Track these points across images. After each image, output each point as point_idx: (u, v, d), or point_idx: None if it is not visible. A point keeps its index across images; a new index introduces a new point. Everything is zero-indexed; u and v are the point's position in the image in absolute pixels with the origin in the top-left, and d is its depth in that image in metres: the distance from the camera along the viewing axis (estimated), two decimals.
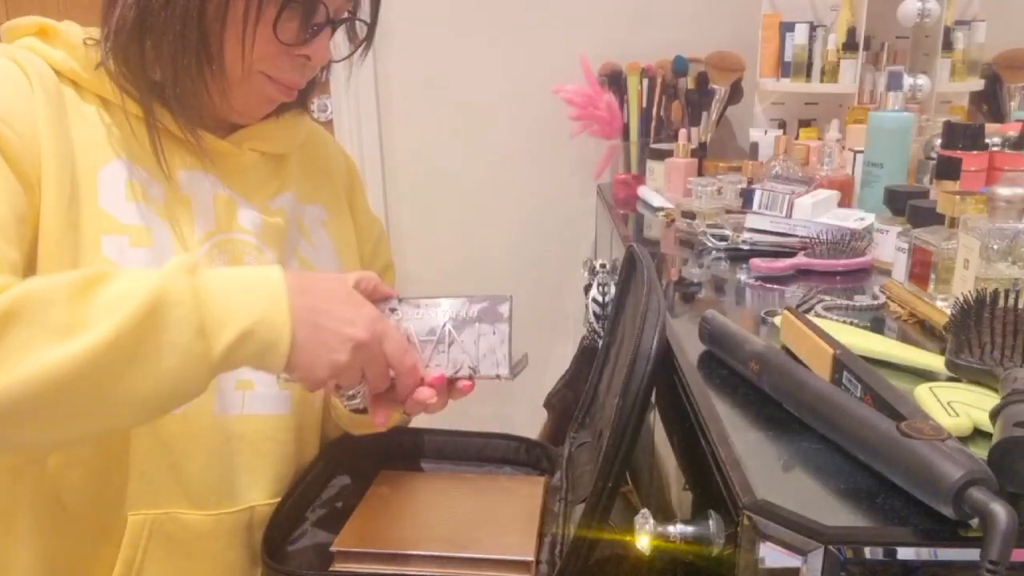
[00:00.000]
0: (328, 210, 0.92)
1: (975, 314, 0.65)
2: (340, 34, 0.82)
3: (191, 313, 0.59)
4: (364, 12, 0.81)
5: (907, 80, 1.49)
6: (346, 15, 0.80)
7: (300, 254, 0.86)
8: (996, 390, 0.61)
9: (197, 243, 0.77)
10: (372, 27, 0.82)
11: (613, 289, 0.89)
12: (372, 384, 0.70)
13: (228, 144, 0.80)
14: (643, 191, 1.66)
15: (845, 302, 0.89)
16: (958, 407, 0.59)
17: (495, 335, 0.73)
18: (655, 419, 0.87)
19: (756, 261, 1.06)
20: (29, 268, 0.68)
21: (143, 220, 0.74)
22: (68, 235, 0.70)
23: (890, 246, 0.99)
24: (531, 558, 0.71)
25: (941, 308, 0.80)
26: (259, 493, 0.80)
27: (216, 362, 0.60)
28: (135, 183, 0.75)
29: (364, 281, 0.74)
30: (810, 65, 1.69)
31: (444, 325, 0.74)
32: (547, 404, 1.25)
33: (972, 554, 0.44)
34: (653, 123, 1.83)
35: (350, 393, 0.73)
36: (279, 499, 0.81)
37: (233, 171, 0.82)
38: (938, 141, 1.21)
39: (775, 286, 1.00)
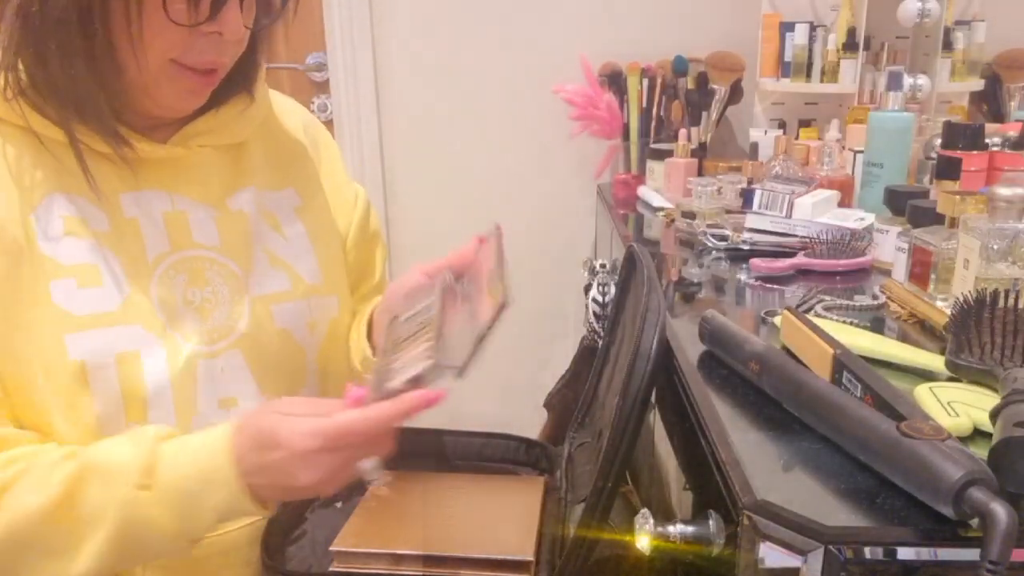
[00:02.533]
0: (300, 193, 0.87)
1: (975, 314, 0.65)
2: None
3: (160, 532, 0.66)
4: None
5: (907, 80, 1.48)
6: None
7: (269, 250, 0.82)
8: (996, 390, 0.61)
9: (150, 267, 0.74)
10: None
11: (613, 289, 0.88)
12: (375, 452, 0.66)
13: (174, 147, 0.76)
14: (643, 191, 1.66)
15: (845, 302, 0.89)
16: (958, 407, 0.59)
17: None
18: (655, 419, 0.87)
19: (756, 261, 1.06)
20: None
21: (88, 257, 0.71)
22: (15, 294, 0.68)
23: (890, 246, 0.99)
24: (531, 558, 0.71)
25: (941, 308, 0.80)
26: None
27: (197, 542, 0.69)
28: (74, 217, 0.71)
29: None
30: (810, 65, 1.69)
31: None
32: (547, 404, 1.25)
33: (972, 554, 0.44)
34: (653, 123, 1.83)
35: (370, 480, 0.66)
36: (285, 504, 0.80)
37: (184, 175, 0.77)
38: (938, 141, 1.21)
39: (775, 286, 1.00)
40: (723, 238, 1.16)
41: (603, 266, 1.29)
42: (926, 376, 0.68)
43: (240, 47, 0.74)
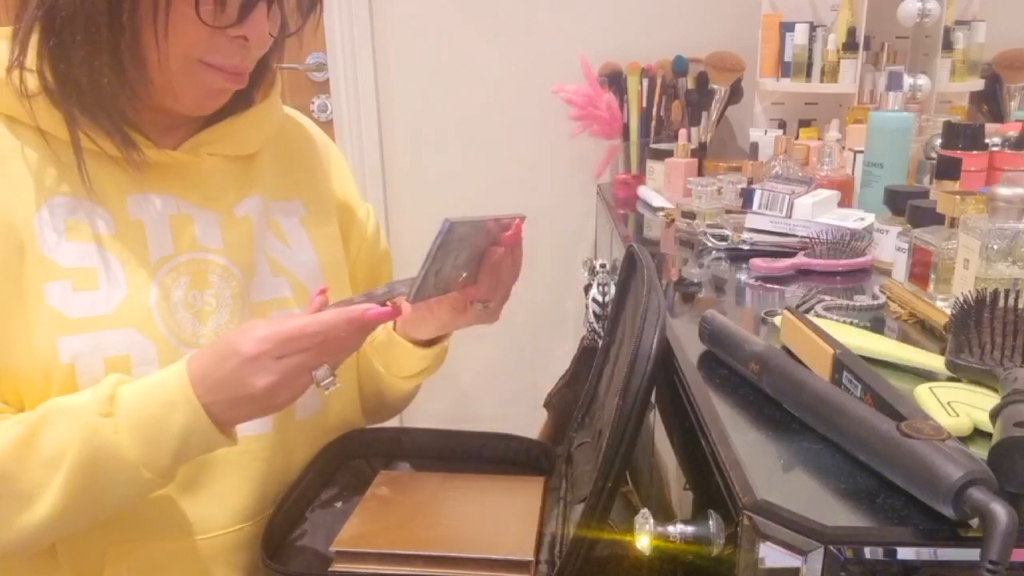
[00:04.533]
0: (307, 205, 0.88)
1: (975, 314, 0.65)
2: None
3: (123, 460, 0.66)
4: None
5: (907, 80, 1.49)
6: None
7: (272, 258, 0.82)
8: (996, 390, 0.61)
9: (153, 269, 0.74)
10: None
11: (613, 289, 0.88)
12: (329, 361, 0.68)
13: (182, 154, 0.76)
14: (643, 191, 1.66)
15: (845, 302, 0.89)
16: (958, 407, 0.59)
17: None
18: (655, 419, 0.87)
19: (756, 261, 1.06)
20: None
21: (86, 261, 0.71)
22: (16, 293, 0.69)
23: (890, 246, 0.99)
24: (531, 558, 0.71)
25: (941, 308, 0.80)
26: (244, 514, 0.79)
27: (164, 476, 0.68)
28: (77, 220, 0.71)
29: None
30: (810, 65, 1.69)
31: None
32: (547, 404, 1.25)
33: (972, 554, 0.44)
34: (653, 123, 1.83)
35: (322, 385, 0.69)
36: (266, 514, 0.79)
37: (190, 181, 0.78)
38: (938, 141, 1.21)
39: (775, 286, 1.00)
40: (723, 238, 1.16)
41: (603, 266, 1.29)
42: (926, 376, 0.68)
43: (261, 53, 0.75)
